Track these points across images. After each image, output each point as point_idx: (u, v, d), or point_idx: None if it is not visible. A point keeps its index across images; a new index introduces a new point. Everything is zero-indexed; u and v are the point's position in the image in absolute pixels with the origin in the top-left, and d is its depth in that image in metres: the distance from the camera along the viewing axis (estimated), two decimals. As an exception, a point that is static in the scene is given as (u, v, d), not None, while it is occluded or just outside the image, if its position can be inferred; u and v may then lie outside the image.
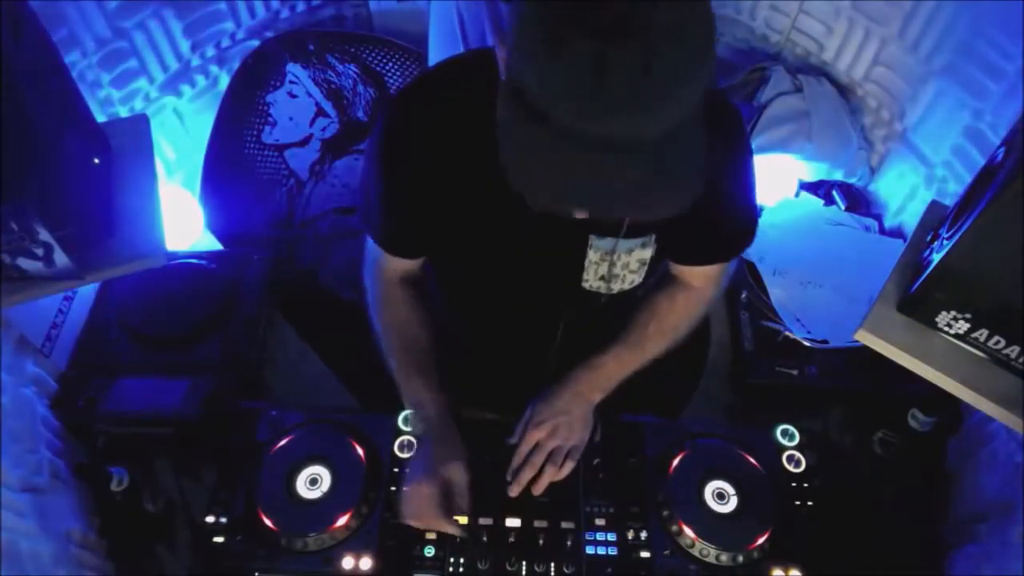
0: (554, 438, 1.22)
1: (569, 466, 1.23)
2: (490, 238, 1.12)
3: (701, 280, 1.24)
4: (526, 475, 1.22)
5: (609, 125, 0.68)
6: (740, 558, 1.20)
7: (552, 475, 1.22)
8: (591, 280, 1.14)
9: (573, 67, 0.66)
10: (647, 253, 1.10)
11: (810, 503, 1.26)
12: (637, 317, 1.25)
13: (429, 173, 1.06)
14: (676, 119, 0.69)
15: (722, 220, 1.12)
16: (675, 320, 1.25)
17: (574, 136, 0.68)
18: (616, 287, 1.15)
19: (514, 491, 1.22)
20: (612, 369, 1.24)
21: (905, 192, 1.85)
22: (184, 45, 1.87)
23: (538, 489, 1.22)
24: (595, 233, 1.07)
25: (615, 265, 1.10)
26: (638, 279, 1.15)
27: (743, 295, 1.77)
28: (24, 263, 1.11)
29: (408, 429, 1.31)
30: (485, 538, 1.22)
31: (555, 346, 1.29)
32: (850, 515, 1.29)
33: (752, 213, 1.17)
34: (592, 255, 1.09)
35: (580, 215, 0.79)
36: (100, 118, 1.40)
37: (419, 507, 1.16)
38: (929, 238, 1.18)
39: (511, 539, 1.21)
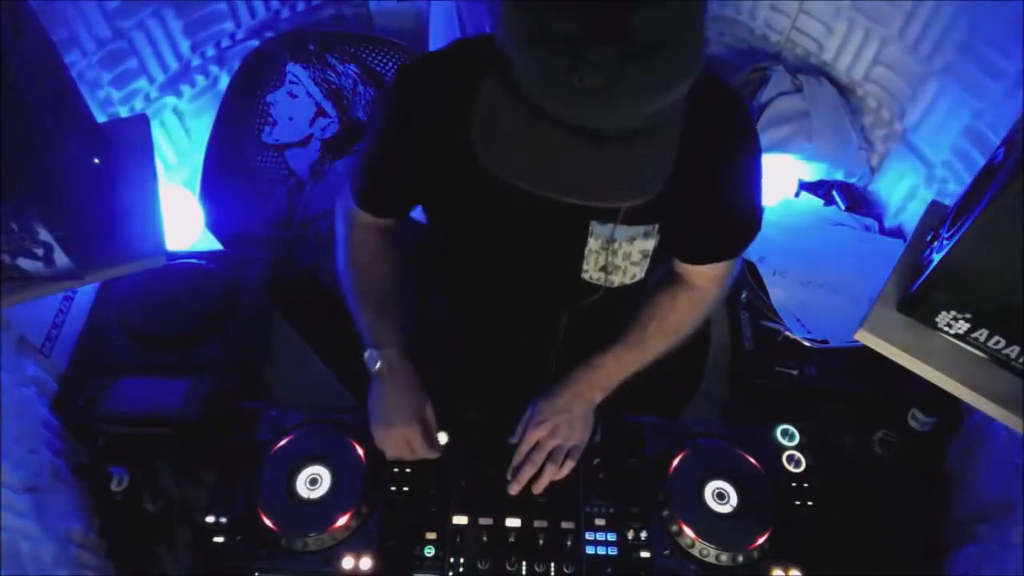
0: (555, 437, 1.22)
1: (569, 465, 1.23)
2: (489, 225, 1.12)
3: (704, 280, 1.23)
4: (526, 473, 1.22)
5: (577, 113, 0.70)
6: (740, 558, 1.20)
7: (553, 474, 1.22)
8: (591, 270, 1.13)
9: (553, 54, 0.68)
10: (649, 244, 1.09)
11: (810, 503, 1.26)
12: (639, 317, 1.25)
13: (425, 149, 1.07)
14: (644, 118, 0.72)
15: (725, 217, 1.12)
16: (677, 320, 1.25)
17: (544, 116, 0.71)
18: (616, 280, 1.14)
19: (514, 489, 1.22)
20: (613, 369, 1.24)
21: (905, 192, 1.85)
22: (184, 45, 1.87)
23: (539, 488, 1.23)
24: (596, 220, 1.06)
25: (616, 255, 1.10)
26: (639, 273, 1.14)
27: (743, 295, 1.76)
28: (24, 263, 1.11)
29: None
30: (485, 538, 1.22)
31: (557, 344, 1.29)
32: (850, 515, 1.29)
33: (756, 210, 1.15)
34: (592, 243, 1.09)
35: (533, 190, 0.81)
36: (100, 118, 1.40)
37: (405, 446, 1.23)
38: (929, 238, 1.18)
39: (511, 539, 1.22)
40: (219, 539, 1.22)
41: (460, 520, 1.23)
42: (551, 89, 0.70)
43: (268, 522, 1.21)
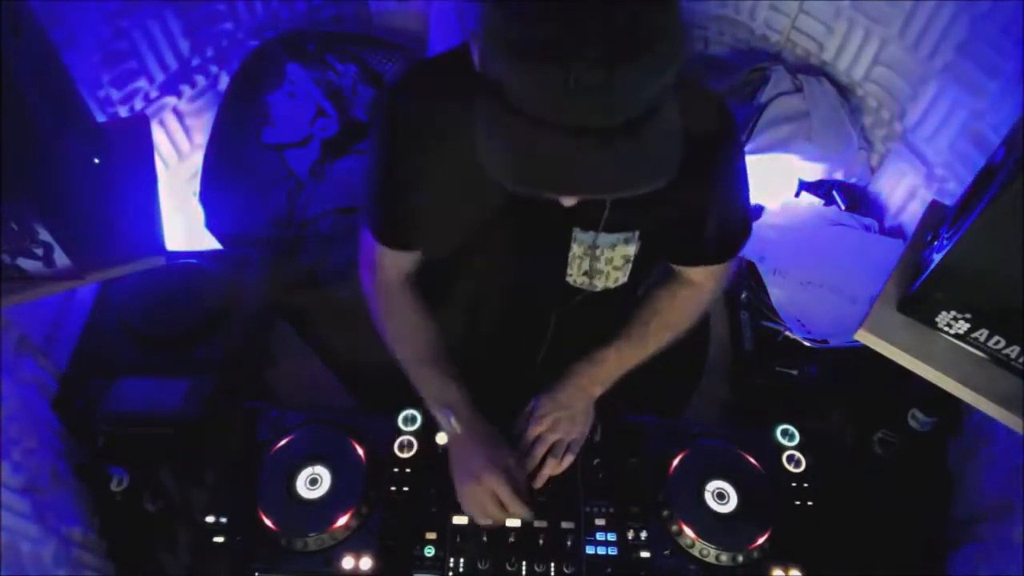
0: (555, 432, 1.23)
1: (569, 459, 1.23)
2: (478, 230, 1.13)
3: (703, 277, 1.24)
4: (527, 467, 1.22)
5: (579, 114, 0.72)
6: (740, 558, 1.20)
7: (553, 468, 1.23)
8: (575, 275, 1.15)
9: (543, 61, 0.69)
10: (630, 250, 1.11)
11: (810, 503, 1.26)
12: (638, 312, 1.26)
13: (421, 163, 1.07)
14: (642, 104, 0.73)
15: (715, 222, 1.13)
16: (676, 316, 1.25)
17: (545, 124, 0.72)
18: (600, 284, 1.16)
19: None
20: (613, 363, 1.25)
21: (905, 192, 1.85)
22: (184, 45, 1.87)
23: (539, 482, 1.23)
24: (578, 227, 1.08)
25: (598, 260, 1.12)
26: (623, 277, 1.16)
27: (743, 295, 1.77)
28: (24, 263, 1.11)
29: (408, 429, 1.31)
30: (485, 538, 1.22)
31: (546, 344, 1.29)
32: (850, 515, 1.29)
33: (745, 212, 1.17)
34: (575, 249, 1.11)
35: (549, 195, 0.82)
36: (100, 118, 1.40)
37: (493, 501, 1.17)
38: (929, 238, 1.18)
39: (511, 539, 1.21)
40: (219, 539, 1.22)
41: (460, 520, 1.23)
42: (550, 97, 0.71)
43: (268, 522, 1.21)
